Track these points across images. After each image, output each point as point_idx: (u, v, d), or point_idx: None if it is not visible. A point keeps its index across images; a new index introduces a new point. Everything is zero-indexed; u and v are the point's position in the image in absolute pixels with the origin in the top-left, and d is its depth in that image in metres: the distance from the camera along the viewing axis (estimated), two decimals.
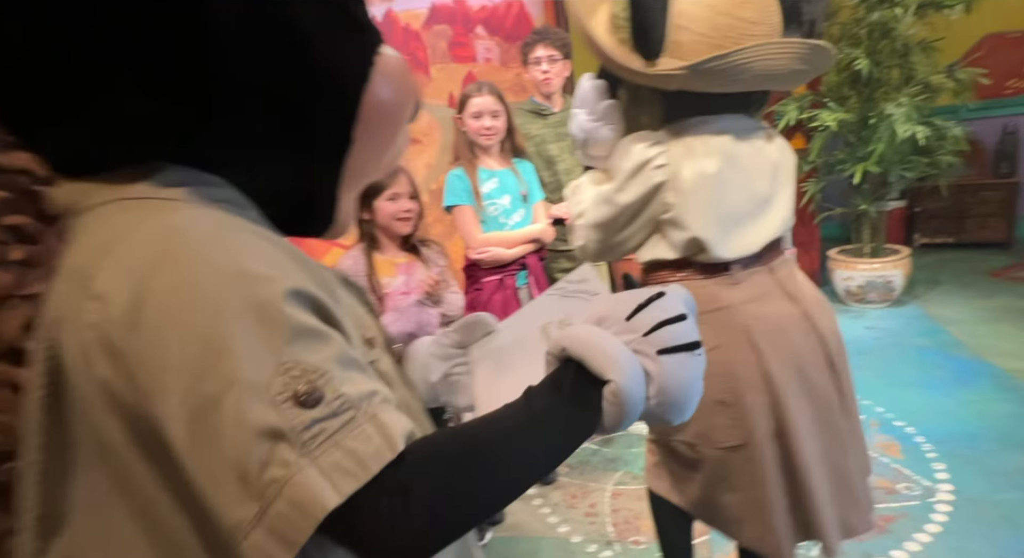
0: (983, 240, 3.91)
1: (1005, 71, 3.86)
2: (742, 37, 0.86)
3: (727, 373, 0.97)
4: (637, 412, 0.42)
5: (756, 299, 1.00)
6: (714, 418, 0.98)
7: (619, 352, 0.42)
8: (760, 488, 0.98)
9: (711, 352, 0.97)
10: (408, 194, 1.52)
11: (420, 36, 2.55)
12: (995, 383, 2.24)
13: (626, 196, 0.99)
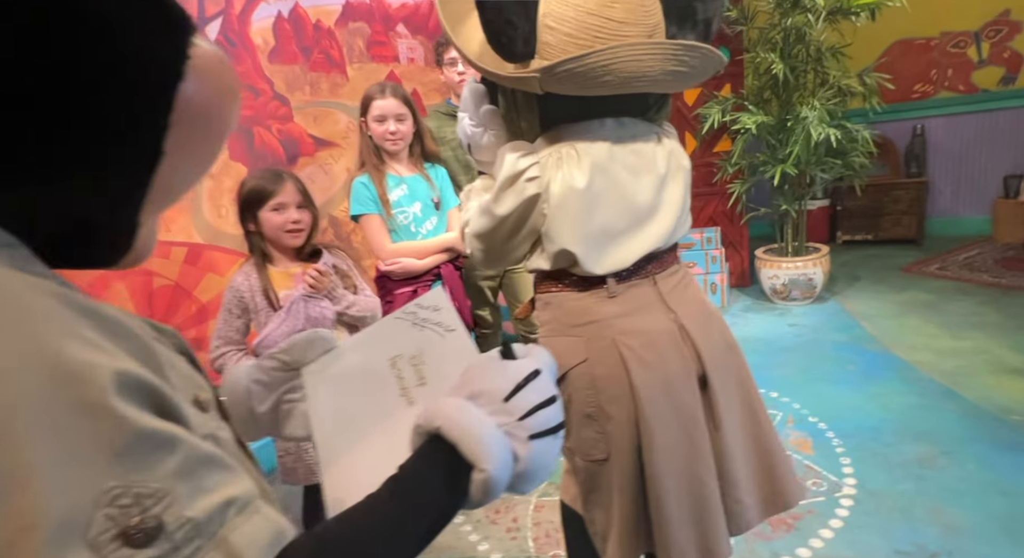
0: (897, 237, 4.13)
1: (913, 76, 4.08)
2: (612, 38, 0.83)
3: (593, 387, 0.96)
4: (500, 493, 0.43)
5: (631, 313, 0.98)
6: (583, 431, 0.98)
7: (494, 441, 0.41)
8: (619, 504, 0.97)
9: (580, 366, 0.94)
10: (296, 203, 1.41)
11: (334, 34, 2.45)
12: (900, 375, 2.35)
13: (502, 208, 0.95)
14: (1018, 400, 2.06)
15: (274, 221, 1.39)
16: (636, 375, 0.94)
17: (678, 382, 0.96)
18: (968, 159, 4.05)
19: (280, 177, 1.42)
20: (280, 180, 1.40)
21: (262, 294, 1.40)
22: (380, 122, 1.68)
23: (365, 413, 0.60)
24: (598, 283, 0.98)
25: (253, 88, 2.13)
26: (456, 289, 1.78)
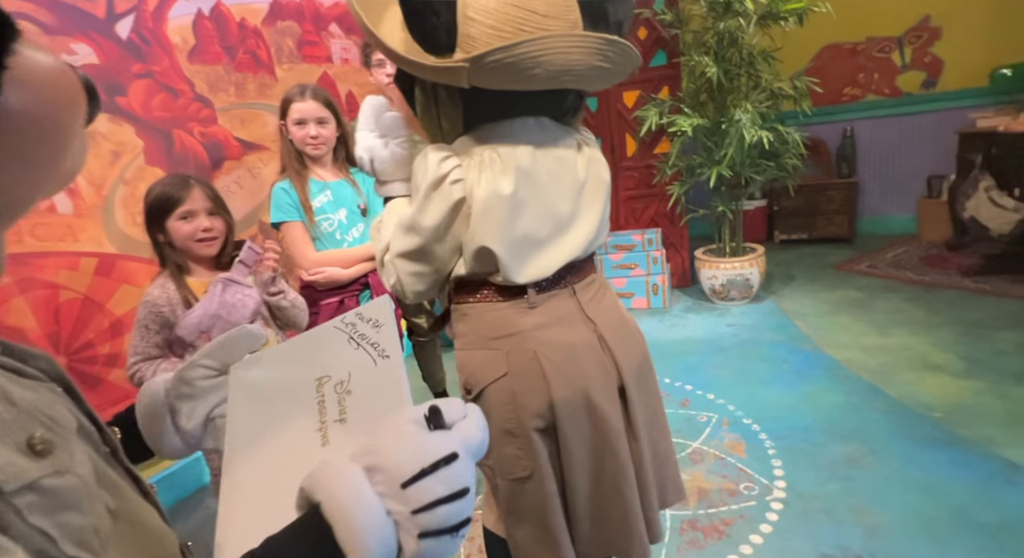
0: (831, 235, 4.27)
1: (842, 79, 4.23)
2: (536, 30, 0.80)
3: (513, 402, 0.92)
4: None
5: (551, 324, 0.95)
6: (504, 448, 0.94)
7: (374, 532, 0.37)
8: (544, 522, 0.95)
9: (500, 380, 0.87)
10: (206, 210, 1.33)
11: (261, 33, 2.33)
12: (829, 374, 2.41)
13: (429, 217, 0.88)
14: (938, 397, 2.14)
15: (183, 231, 1.29)
16: (557, 389, 0.91)
17: (599, 394, 0.94)
18: (894, 160, 4.23)
19: (187, 183, 1.32)
20: (187, 186, 1.30)
21: (184, 306, 1.30)
22: (300, 125, 1.59)
23: (276, 443, 0.53)
24: (518, 293, 0.94)
25: (172, 89, 1.99)
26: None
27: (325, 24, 2.63)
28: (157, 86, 1.94)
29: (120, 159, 1.81)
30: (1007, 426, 1.91)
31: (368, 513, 0.37)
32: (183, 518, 1.93)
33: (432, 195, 0.87)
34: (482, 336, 0.95)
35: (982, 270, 3.29)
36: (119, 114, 1.81)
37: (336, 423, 0.51)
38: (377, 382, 0.53)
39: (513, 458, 0.94)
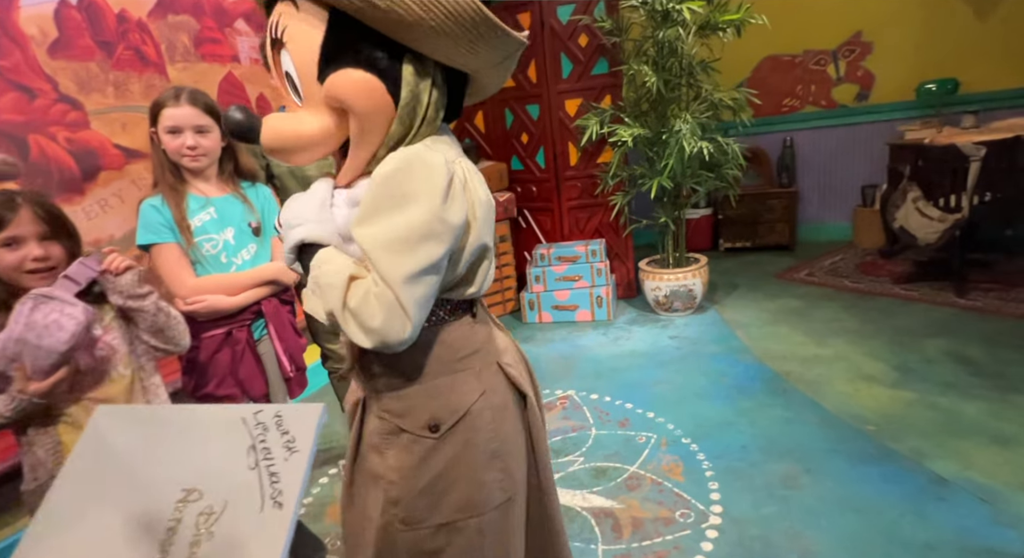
0: (772, 243, 4.33)
1: (782, 91, 4.30)
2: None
3: (495, 420, 0.84)
4: None
5: (494, 332, 0.91)
6: (487, 475, 0.82)
7: None
8: (519, 547, 0.90)
9: (479, 400, 0.84)
10: (36, 236, 1.11)
11: (147, 27, 2.12)
12: (768, 387, 2.39)
13: (458, 215, 0.71)
14: (872, 408, 2.13)
15: (7, 260, 1.08)
16: (528, 397, 0.90)
17: (538, 399, 0.94)
18: (831, 170, 4.33)
19: (12, 202, 1.10)
20: (12, 206, 1.08)
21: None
22: (174, 134, 1.39)
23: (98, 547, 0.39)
24: (466, 308, 0.86)
25: (26, 88, 1.76)
26: (282, 327, 1.54)
27: (230, 20, 2.44)
28: (5, 83, 1.71)
29: None
30: (935, 437, 1.91)
31: None
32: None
33: (454, 193, 0.72)
34: (446, 361, 0.82)
35: (912, 277, 3.37)
36: None
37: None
38: (249, 536, 0.40)
39: (497, 482, 0.84)
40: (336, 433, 2.43)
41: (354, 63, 0.69)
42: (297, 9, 0.69)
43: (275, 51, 0.72)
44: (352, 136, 0.73)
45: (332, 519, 1.90)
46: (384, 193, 0.68)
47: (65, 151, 1.87)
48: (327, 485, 2.11)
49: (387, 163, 0.70)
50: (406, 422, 0.80)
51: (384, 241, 0.67)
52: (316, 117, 0.72)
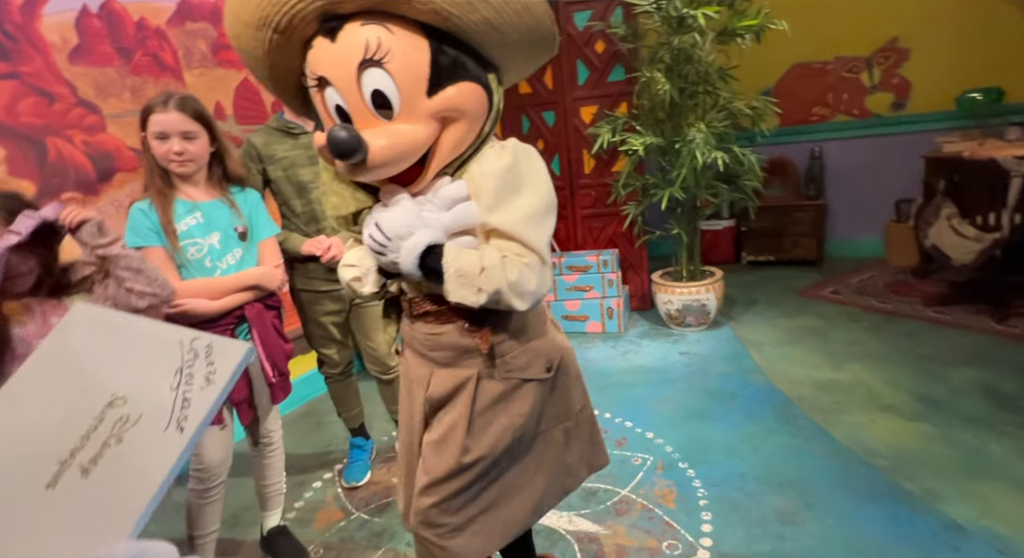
0: (798, 258, 4.15)
1: (811, 99, 4.13)
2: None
3: (573, 356, 1.10)
4: None
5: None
6: (574, 392, 1.10)
7: None
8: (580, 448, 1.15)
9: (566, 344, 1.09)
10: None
11: (165, 34, 2.15)
12: (777, 413, 2.26)
13: (553, 189, 0.89)
14: (885, 442, 1.99)
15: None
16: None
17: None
18: (863, 182, 4.12)
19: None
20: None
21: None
22: (161, 140, 1.40)
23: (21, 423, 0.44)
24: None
25: (46, 92, 1.81)
26: (265, 331, 1.52)
27: None
28: (26, 88, 1.76)
29: None
30: (954, 478, 1.76)
31: None
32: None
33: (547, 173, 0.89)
34: (541, 320, 1.02)
35: (945, 299, 3.17)
36: None
37: (78, 469, 0.42)
38: (147, 450, 0.43)
39: (579, 397, 1.12)
40: (336, 436, 2.42)
41: (467, 76, 0.78)
42: (392, 33, 0.74)
43: (360, 70, 0.75)
44: (453, 142, 0.81)
45: (321, 525, 1.88)
46: (509, 183, 0.82)
47: (82, 153, 1.91)
48: (320, 489, 2.09)
49: (498, 158, 0.83)
50: (529, 372, 0.98)
51: (524, 218, 0.82)
52: (418, 128, 0.78)
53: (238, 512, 1.98)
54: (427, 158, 0.81)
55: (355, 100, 0.77)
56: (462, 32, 0.75)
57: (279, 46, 0.78)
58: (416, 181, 0.83)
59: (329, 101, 0.80)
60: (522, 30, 0.77)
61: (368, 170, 0.77)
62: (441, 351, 0.97)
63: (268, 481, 1.71)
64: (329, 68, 0.77)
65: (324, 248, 1.83)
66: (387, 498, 1.98)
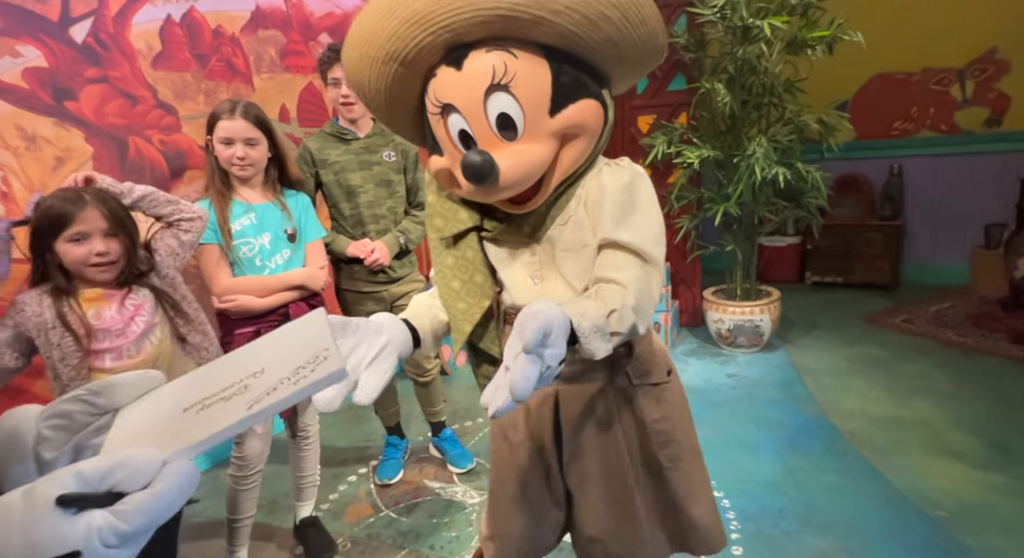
0: (869, 281, 3.89)
1: (893, 112, 3.86)
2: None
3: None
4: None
5: None
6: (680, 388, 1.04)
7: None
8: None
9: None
10: (101, 232, 1.22)
11: (239, 41, 2.29)
12: (827, 448, 2.12)
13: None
14: (948, 491, 1.82)
15: (74, 254, 1.18)
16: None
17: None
18: (948, 203, 3.82)
19: (80, 200, 1.20)
20: (80, 203, 1.19)
21: (58, 329, 1.19)
22: (226, 145, 1.50)
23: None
24: None
25: (131, 95, 1.97)
26: None
27: (314, 34, 2.58)
28: (113, 92, 1.91)
29: (64, 165, 1.79)
30: (1022, 536, 1.59)
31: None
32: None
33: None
34: (650, 328, 1.00)
35: None
36: (67, 119, 1.79)
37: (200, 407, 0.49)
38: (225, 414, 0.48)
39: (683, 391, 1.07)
40: (374, 432, 2.48)
41: (586, 93, 0.79)
42: (516, 57, 0.76)
43: (487, 96, 0.77)
44: (573, 158, 0.82)
45: (351, 519, 1.93)
46: (629, 200, 0.82)
47: (158, 152, 2.07)
48: (354, 484, 2.15)
49: (618, 176, 0.83)
50: (654, 376, 0.98)
51: (649, 237, 0.82)
52: (543, 147, 0.79)
53: (277, 498, 2.07)
54: (545, 175, 0.82)
55: (481, 124, 0.79)
56: (583, 51, 0.77)
57: (401, 78, 0.80)
58: (533, 199, 0.84)
59: (453, 127, 0.81)
60: (638, 45, 0.77)
61: (498, 190, 0.79)
62: (569, 366, 0.93)
63: (303, 473, 1.78)
64: (456, 95, 0.78)
65: (368, 251, 1.89)
66: (416, 498, 2.02)
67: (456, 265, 0.92)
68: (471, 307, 0.90)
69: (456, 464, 2.16)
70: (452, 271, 0.91)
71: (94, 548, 0.32)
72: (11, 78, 1.67)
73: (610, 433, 0.95)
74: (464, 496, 2.01)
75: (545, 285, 0.89)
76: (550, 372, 0.63)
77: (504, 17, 0.71)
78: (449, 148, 0.84)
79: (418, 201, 2.05)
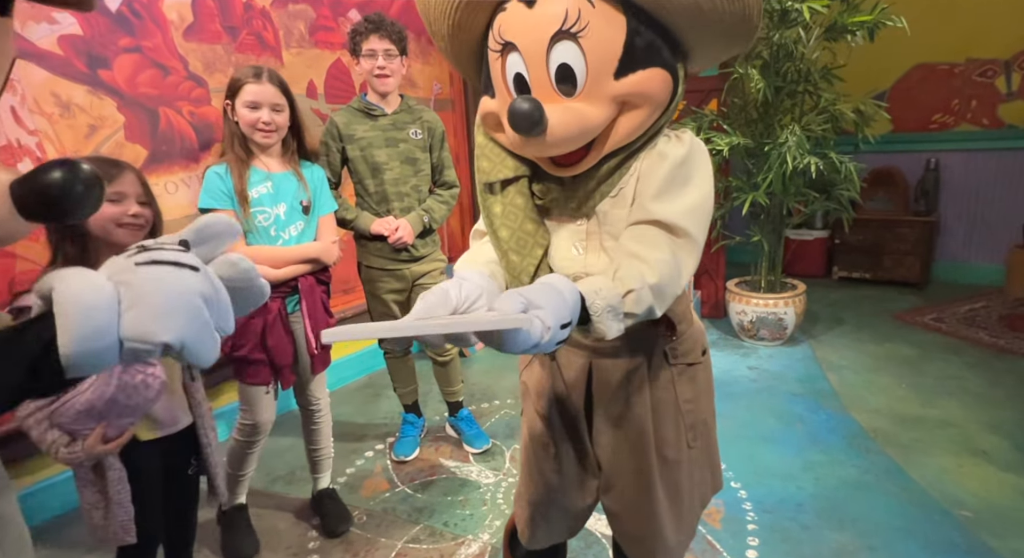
0: (898, 278, 3.79)
1: (932, 104, 3.73)
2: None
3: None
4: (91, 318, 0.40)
5: None
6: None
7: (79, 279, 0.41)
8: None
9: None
10: (135, 196, 1.22)
11: (269, 15, 2.29)
12: (848, 443, 2.08)
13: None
14: (973, 492, 1.78)
15: (108, 213, 1.16)
16: None
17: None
18: (986, 201, 3.69)
19: (118, 165, 1.21)
20: (120, 168, 1.19)
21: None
22: (252, 109, 1.49)
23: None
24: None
25: (163, 65, 1.98)
26: (314, 305, 1.59)
27: (344, 10, 2.57)
28: (146, 61, 1.93)
29: (97, 133, 1.81)
30: None
31: (82, 275, 0.41)
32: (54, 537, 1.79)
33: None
34: (685, 306, 0.98)
35: None
36: (100, 87, 1.81)
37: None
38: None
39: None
40: (392, 410, 2.50)
41: (658, 62, 0.74)
42: (593, 6, 0.70)
43: (553, 41, 0.72)
44: (629, 129, 0.76)
45: (368, 492, 1.95)
46: (681, 174, 0.78)
47: (188, 123, 2.08)
48: (371, 459, 2.17)
49: (675, 147, 0.78)
50: (691, 356, 0.95)
51: (689, 209, 0.77)
52: (599, 109, 0.74)
53: (294, 470, 2.10)
54: (596, 140, 0.77)
55: (539, 71, 0.74)
56: (667, 13, 0.71)
57: (469, 3, 0.76)
58: (580, 163, 0.79)
59: (510, 69, 0.77)
60: (727, 18, 0.71)
61: (544, 145, 0.74)
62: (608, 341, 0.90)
63: (317, 446, 1.80)
64: (520, 34, 0.73)
65: (392, 229, 1.88)
66: (432, 476, 2.03)
67: (504, 213, 0.86)
68: (524, 259, 0.85)
69: (472, 444, 2.17)
70: (500, 220, 0.86)
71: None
72: (47, 45, 1.69)
73: (640, 409, 0.93)
74: (479, 476, 2.02)
75: (588, 256, 0.85)
76: (536, 343, 0.60)
77: None
78: (502, 92, 0.79)
79: (443, 180, 2.04)
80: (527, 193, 0.86)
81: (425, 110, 1.99)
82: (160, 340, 0.41)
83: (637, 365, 0.92)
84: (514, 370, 2.76)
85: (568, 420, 1.00)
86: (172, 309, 0.42)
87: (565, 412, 1.00)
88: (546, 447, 1.02)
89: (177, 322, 0.42)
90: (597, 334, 0.69)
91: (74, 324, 0.39)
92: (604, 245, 0.84)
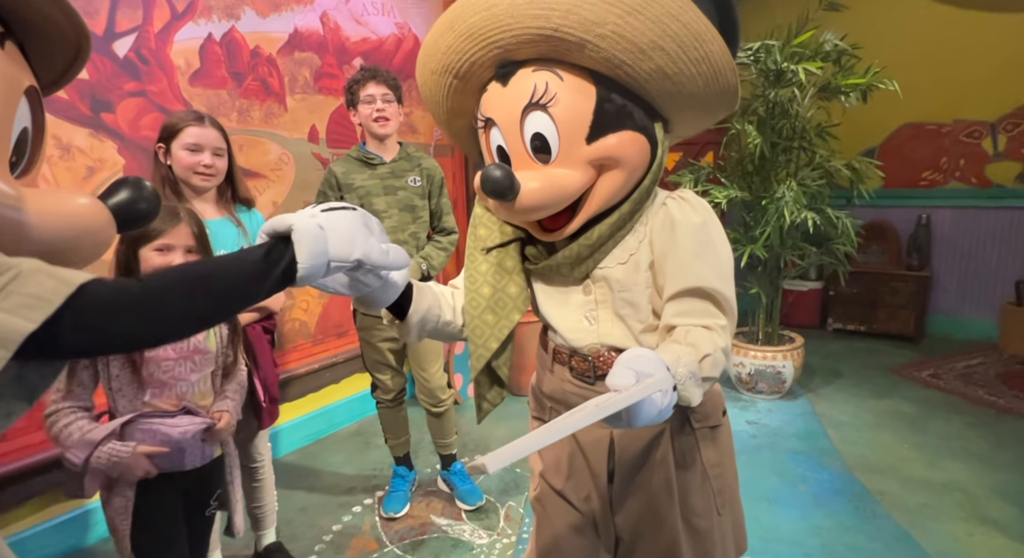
0: (893, 332, 3.78)
1: (922, 161, 3.82)
2: None
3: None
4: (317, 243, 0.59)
5: None
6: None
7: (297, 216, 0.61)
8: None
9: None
10: (184, 248, 1.18)
11: (275, 62, 2.32)
12: (854, 507, 2.02)
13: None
14: None
15: (155, 262, 1.15)
16: None
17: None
18: (977, 257, 3.73)
19: (175, 215, 1.18)
20: (174, 216, 1.16)
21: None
22: (193, 152, 1.44)
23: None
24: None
25: (165, 109, 1.98)
26: (263, 355, 1.54)
27: (349, 58, 2.61)
28: (150, 105, 1.93)
29: (96, 175, 1.79)
30: None
31: (305, 218, 0.61)
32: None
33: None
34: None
35: None
36: (102, 130, 1.80)
37: None
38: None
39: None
40: (382, 461, 2.41)
41: (631, 125, 0.77)
42: (561, 79, 0.75)
43: (524, 114, 0.77)
44: (609, 191, 0.79)
45: (354, 553, 1.85)
46: (704, 239, 0.79)
47: None
48: (359, 515, 2.07)
49: (687, 214, 0.80)
50: (712, 418, 0.92)
51: (722, 275, 0.79)
52: (574, 174, 0.77)
53: None
54: (578, 205, 0.80)
55: (515, 142, 0.79)
56: (634, 81, 0.74)
57: (457, 90, 0.83)
58: (563, 228, 0.81)
59: (493, 142, 0.83)
60: (699, 81, 0.73)
61: (522, 210, 0.77)
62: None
63: (261, 503, 1.73)
64: (497, 109, 0.80)
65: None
66: (422, 534, 1.94)
67: (490, 271, 0.88)
68: (500, 321, 0.86)
69: (465, 500, 2.08)
70: (484, 277, 0.88)
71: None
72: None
73: (664, 479, 0.89)
74: (472, 535, 1.92)
75: (600, 326, 0.85)
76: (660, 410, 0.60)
77: (549, 38, 0.72)
78: (488, 163, 0.83)
79: (442, 226, 2.03)
80: (517, 258, 0.89)
81: (424, 157, 2.00)
82: (354, 258, 0.61)
83: (660, 430, 0.89)
84: (507, 419, 2.68)
85: (584, 494, 0.96)
86: (352, 234, 0.61)
87: (581, 485, 0.95)
88: (559, 524, 0.97)
89: (357, 243, 0.61)
90: (683, 402, 0.69)
91: (308, 247, 0.58)
92: (620, 313, 0.84)
